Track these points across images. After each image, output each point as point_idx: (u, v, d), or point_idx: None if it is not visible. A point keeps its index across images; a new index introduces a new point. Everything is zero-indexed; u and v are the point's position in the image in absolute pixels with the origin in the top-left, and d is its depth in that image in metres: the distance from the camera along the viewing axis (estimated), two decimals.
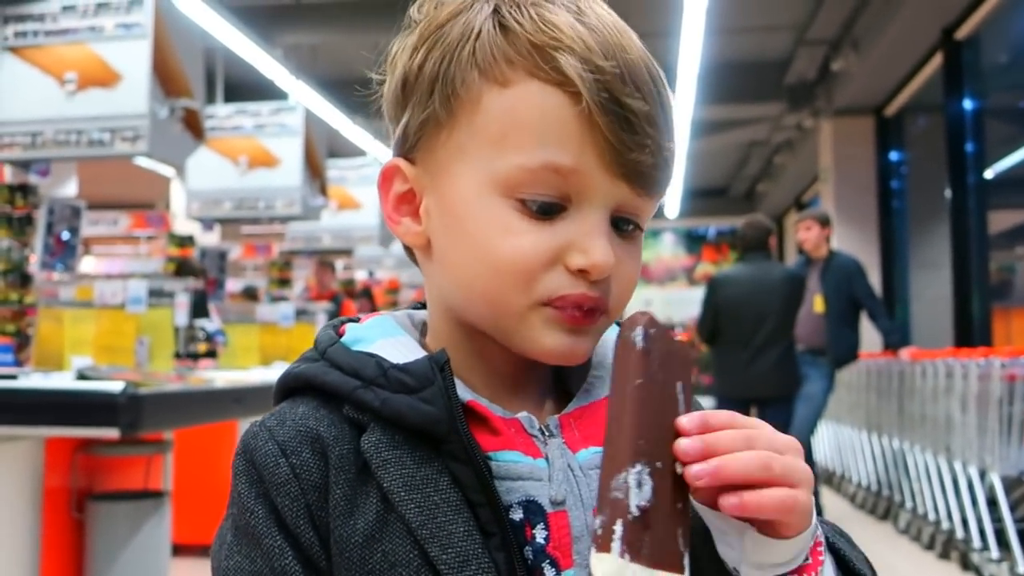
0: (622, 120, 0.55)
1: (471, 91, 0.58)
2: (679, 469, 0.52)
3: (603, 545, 0.50)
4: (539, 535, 0.56)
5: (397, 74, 0.62)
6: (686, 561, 0.52)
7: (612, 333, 0.67)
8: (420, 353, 0.60)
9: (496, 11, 0.58)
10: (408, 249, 0.65)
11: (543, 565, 0.56)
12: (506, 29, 0.57)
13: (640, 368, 0.53)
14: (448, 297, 0.61)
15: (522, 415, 0.60)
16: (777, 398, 4.61)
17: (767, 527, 0.53)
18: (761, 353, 4.53)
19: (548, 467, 0.58)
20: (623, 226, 0.59)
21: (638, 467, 0.51)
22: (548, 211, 0.56)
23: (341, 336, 0.63)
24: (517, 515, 0.56)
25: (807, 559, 0.56)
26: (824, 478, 6.72)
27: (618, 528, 0.50)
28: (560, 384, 0.65)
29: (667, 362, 0.55)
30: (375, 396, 0.57)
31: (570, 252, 0.57)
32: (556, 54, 0.55)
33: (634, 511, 0.50)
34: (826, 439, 6.92)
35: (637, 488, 0.50)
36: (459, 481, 0.55)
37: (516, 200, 0.56)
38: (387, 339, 0.61)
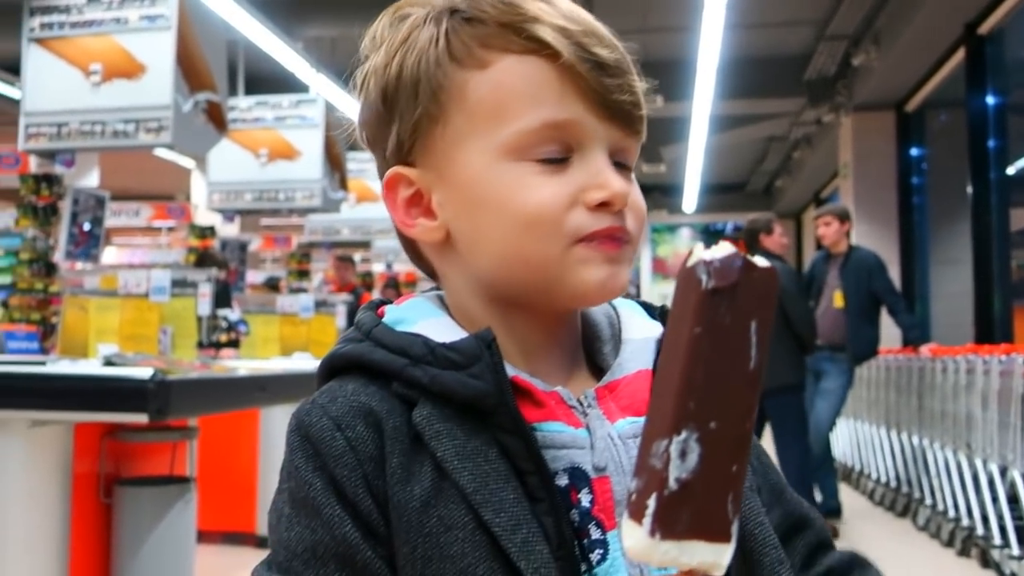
0: (599, 67, 0.60)
1: (454, 82, 0.61)
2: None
3: (635, 514, 0.48)
4: (584, 499, 0.59)
5: (374, 95, 0.65)
6: (734, 528, 0.49)
7: (639, 315, 0.70)
8: (461, 333, 0.62)
9: (454, 12, 0.63)
10: (412, 251, 0.68)
11: (589, 527, 0.59)
12: (471, 20, 0.62)
13: (701, 312, 0.48)
14: (482, 276, 0.64)
15: (559, 388, 0.63)
16: (773, 389, 4.55)
17: None
18: None
19: (589, 436, 0.61)
20: (617, 168, 0.63)
21: (683, 434, 0.47)
22: (556, 162, 0.61)
23: (381, 317, 0.65)
24: (563, 481, 0.59)
25: None
26: (843, 474, 6.70)
27: (652, 503, 0.47)
28: (589, 361, 0.68)
29: (741, 300, 0.48)
30: (424, 373, 0.59)
31: (587, 192, 0.60)
32: (526, 26, 0.60)
33: (672, 485, 0.47)
34: (845, 435, 6.90)
35: (679, 459, 0.47)
36: (507, 451, 0.58)
37: (526, 161, 0.60)
38: (428, 320, 0.64)
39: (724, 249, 0.49)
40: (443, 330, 0.62)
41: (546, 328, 0.65)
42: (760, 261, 0.49)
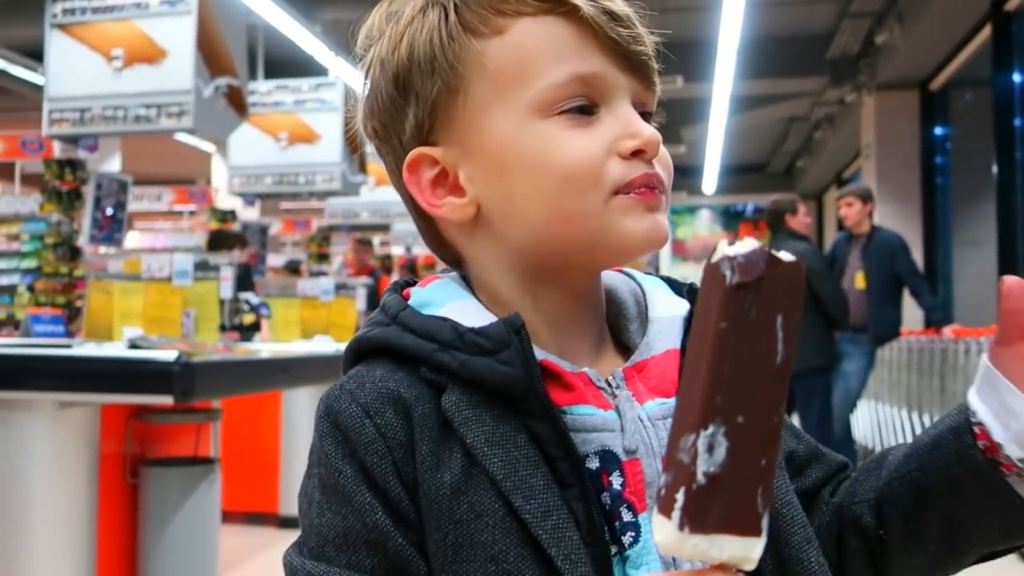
0: (616, 20, 0.61)
1: (471, 53, 0.61)
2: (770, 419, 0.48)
3: (664, 508, 0.48)
4: (615, 482, 0.59)
5: (383, 82, 0.64)
6: (764, 522, 0.49)
7: (664, 291, 0.69)
8: (488, 316, 0.61)
9: None
10: (432, 238, 0.67)
11: (620, 509, 0.59)
12: None
13: (726, 308, 0.48)
14: (518, 246, 0.62)
15: (587, 369, 0.62)
16: (801, 373, 4.55)
17: None
18: None
19: (619, 419, 0.61)
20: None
21: (711, 428, 0.47)
22: (585, 111, 0.60)
23: (406, 299, 0.64)
24: (594, 464, 0.59)
25: None
26: (863, 456, 6.68)
27: (680, 497, 0.48)
28: (615, 339, 0.67)
29: (766, 294, 0.48)
30: (452, 358, 0.58)
31: (620, 142, 0.60)
32: None
33: (700, 479, 0.47)
34: (865, 417, 6.87)
35: (707, 453, 0.47)
36: (537, 437, 0.57)
37: (556, 115, 0.60)
38: (455, 302, 0.63)
39: (748, 244, 0.48)
40: (471, 313, 0.62)
41: (576, 303, 0.64)
42: (785, 255, 0.49)
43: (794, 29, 7.92)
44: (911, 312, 5.55)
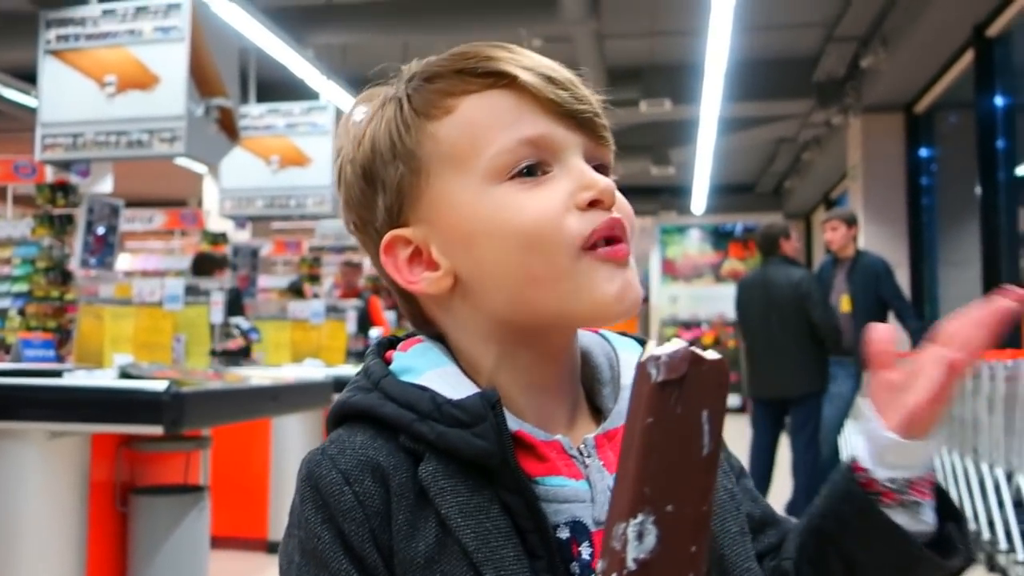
0: (555, 84, 0.64)
1: (426, 134, 0.65)
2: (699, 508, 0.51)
3: None
4: (584, 552, 0.61)
5: (354, 178, 0.67)
6: None
7: (638, 356, 0.72)
8: (467, 384, 0.64)
9: (410, 80, 0.67)
10: (415, 316, 0.69)
11: None
12: (430, 78, 0.66)
13: (652, 404, 0.51)
14: (495, 313, 0.64)
15: (559, 437, 0.64)
16: (797, 398, 4.67)
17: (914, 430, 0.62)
18: (768, 355, 4.66)
19: (590, 489, 0.63)
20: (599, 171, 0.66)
21: (640, 517, 0.50)
22: (535, 172, 0.63)
23: (388, 363, 0.67)
24: (564, 534, 0.61)
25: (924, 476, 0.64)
26: None
27: None
28: (590, 402, 0.69)
29: (690, 391, 0.51)
30: (431, 429, 0.61)
31: (576, 195, 0.62)
32: (480, 65, 0.64)
33: (631, 565, 0.50)
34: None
35: (637, 541, 0.50)
36: (509, 508, 0.60)
37: (508, 179, 0.63)
38: (435, 370, 0.65)
39: (674, 345, 0.53)
40: (450, 381, 0.64)
41: (552, 367, 0.66)
42: (710, 354, 0.53)
43: (781, 53, 8.02)
44: (897, 334, 5.60)
